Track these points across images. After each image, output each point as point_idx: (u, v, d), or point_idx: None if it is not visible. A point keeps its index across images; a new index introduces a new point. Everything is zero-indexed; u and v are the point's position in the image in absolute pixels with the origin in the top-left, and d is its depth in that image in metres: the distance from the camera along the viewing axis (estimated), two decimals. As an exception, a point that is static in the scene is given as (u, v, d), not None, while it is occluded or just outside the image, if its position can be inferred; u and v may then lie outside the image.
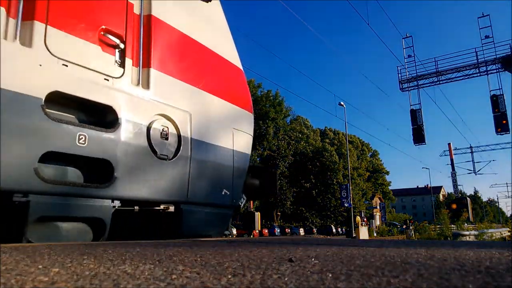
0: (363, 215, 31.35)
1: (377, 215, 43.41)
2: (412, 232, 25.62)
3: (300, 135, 41.53)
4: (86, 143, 2.54)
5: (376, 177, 55.68)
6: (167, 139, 3.13)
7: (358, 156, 51.12)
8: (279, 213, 38.43)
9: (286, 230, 31.68)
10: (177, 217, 3.21)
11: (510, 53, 18.62)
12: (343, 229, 35.30)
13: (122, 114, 2.81)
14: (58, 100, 2.52)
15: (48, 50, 2.47)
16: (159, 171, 3.04)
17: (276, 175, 4.54)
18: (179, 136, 3.23)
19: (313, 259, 1.37)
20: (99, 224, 2.69)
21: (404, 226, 35.33)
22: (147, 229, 3.26)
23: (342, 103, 25.68)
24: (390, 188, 60.36)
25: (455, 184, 28.98)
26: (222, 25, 4.09)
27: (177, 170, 3.18)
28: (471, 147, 32.42)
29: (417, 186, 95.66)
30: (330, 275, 1.01)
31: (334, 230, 36.10)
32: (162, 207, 3.14)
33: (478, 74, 19.50)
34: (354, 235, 20.98)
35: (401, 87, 21.37)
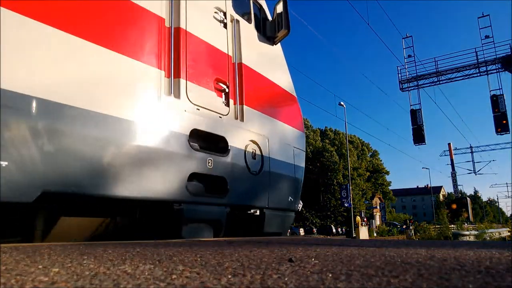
0: (363, 215, 31.36)
1: (377, 215, 43.43)
2: (412, 232, 25.62)
3: (300, 135, 41.42)
4: (212, 165, 3.38)
5: (376, 177, 55.66)
6: (255, 158, 3.94)
7: (358, 156, 51.12)
8: (279, 213, 38.36)
9: (286, 230, 31.57)
10: (261, 219, 4.04)
11: (510, 53, 18.62)
12: (343, 229, 35.30)
13: (230, 142, 3.65)
14: (194, 134, 3.30)
15: (189, 99, 3.27)
16: (251, 183, 3.87)
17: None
18: (261, 156, 4.05)
19: (313, 259, 1.37)
20: (219, 224, 3.55)
21: (404, 226, 35.32)
22: (239, 228, 4.03)
23: (342, 103, 25.69)
24: (390, 188, 60.37)
25: (455, 184, 28.98)
26: (282, 61, 4.92)
27: (262, 182, 4.00)
28: (471, 147, 32.45)
29: (417, 186, 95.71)
30: (330, 275, 1.01)
31: (334, 230, 36.09)
32: (252, 211, 4.06)
33: (478, 74, 19.52)
34: (354, 235, 20.99)
35: (401, 87, 21.39)
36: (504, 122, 17.75)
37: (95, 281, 0.94)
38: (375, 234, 31.03)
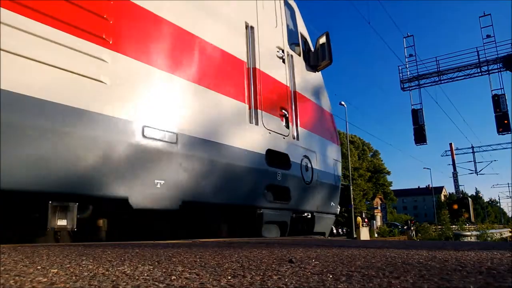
0: (364, 216, 31.27)
1: (378, 216, 43.33)
2: (413, 232, 25.56)
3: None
4: (280, 178, 4.11)
5: (377, 178, 55.55)
6: (307, 171, 4.67)
7: (359, 156, 51.04)
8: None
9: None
10: (312, 221, 4.81)
11: (511, 52, 18.58)
12: (344, 230, 35.24)
13: (291, 158, 4.36)
14: (268, 153, 4.00)
15: (264, 125, 4.00)
16: (305, 192, 4.60)
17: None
18: (312, 168, 4.77)
19: (313, 260, 1.36)
20: (285, 225, 4.32)
21: (405, 227, 35.24)
22: (295, 228, 4.71)
23: (343, 102, 25.66)
24: (391, 188, 60.28)
25: (456, 185, 28.90)
26: (323, 85, 5.71)
27: (312, 191, 4.75)
28: (472, 147, 32.37)
29: (418, 187, 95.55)
30: (331, 276, 1.00)
31: (334, 231, 35.96)
32: (305, 214, 4.73)
33: (480, 74, 19.47)
34: (354, 236, 20.95)
35: (402, 86, 21.35)
36: (506, 122, 17.70)
37: (93, 282, 0.93)
38: (376, 235, 30.95)
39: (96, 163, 2.45)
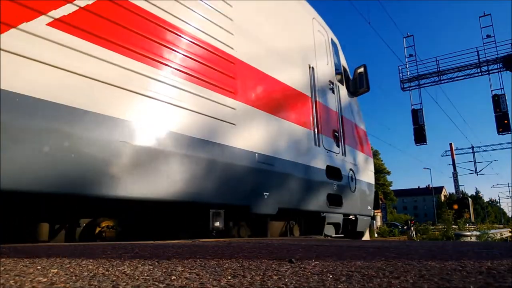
0: (364, 216, 31.16)
1: (378, 216, 43.31)
2: (413, 233, 25.55)
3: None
4: (336, 188, 4.95)
5: (377, 178, 55.57)
6: (352, 181, 5.55)
7: (359, 156, 50.96)
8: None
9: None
10: (355, 223, 5.69)
11: (511, 52, 18.58)
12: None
13: (342, 171, 5.22)
14: (327, 168, 4.82)
15: (324, 147, 4.84)
16: (351, 198, 5.43)
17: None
18: (355, 178, 5.66)
19: (313, 260, 1.36)
20: (339, 226, 5.20)
21: (405, 227, 35.23)
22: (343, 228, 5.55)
23: (343, 103, 25.59)
24: (391, 188, 60.28)
25: (456, 185, 28.90)
26: (359, 106, 6.63)
27: (356, 197, 5.62)
28: (472, 147, 32.41)
29: (419, 187, 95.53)
30: (331, 276, 1.00)
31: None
32: (351, 217, 5.62)
33: (480, 74, 19.48)
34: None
35: (402, 86, 21.36)
36: (506, 122, 17.71)
37: (93, 282, 0.94)
38: (376, 235, 30.96)
39: (235, 182, 3.44)
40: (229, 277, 1.00)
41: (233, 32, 3.65)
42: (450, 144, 29.61)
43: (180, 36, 3.09)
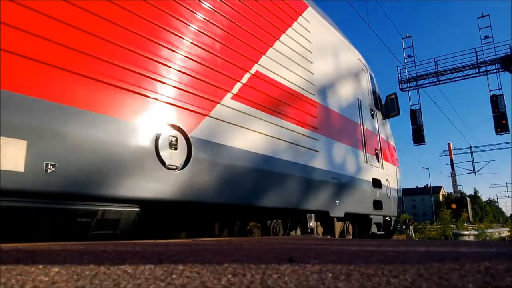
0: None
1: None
2: (412, 232, 25.55)
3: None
4: (378, 195, 6.17)
5: (376, 177, 55.39)
6: (388, 189, 6.79)
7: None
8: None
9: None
10: (390, 223, 7.02)
11: (509, 53, 18.62)
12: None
13: (382, 181, 6.45)
14: (372, 180, 6.11)
15: (369, 163, 6.08)
16: (388, 203, 6.66)
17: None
18: (389, 186, 6.89)
19: (313, 259, 1.37)
20: (380, 225, 6.46)
21: (403, 226, 35.21)
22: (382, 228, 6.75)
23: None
24: (390, 188, 60.09)
25: (454, 184, 28.95)
26: (389, 126, 7.83)
27: (390, 202, 6.85)
28: (470, 147, 32.48)
29: (417, 186, 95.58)
30: (330, 275, 1.01)
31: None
32: (387, 218, 6.85)
33: (478, 74, 19.52)
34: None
35: (401, 87, 21.38)
36: (504, 122, 17.76)
37: (95, 280, 0.94)
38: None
39: (321, 194, 4.68)
40: (230, 276, 1.01)
41: (315, 83, 4.90)
42: (449, 144, 29.66)
43: (298, 98, 4.53)
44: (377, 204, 6.09)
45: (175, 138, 2.93)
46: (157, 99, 2.85)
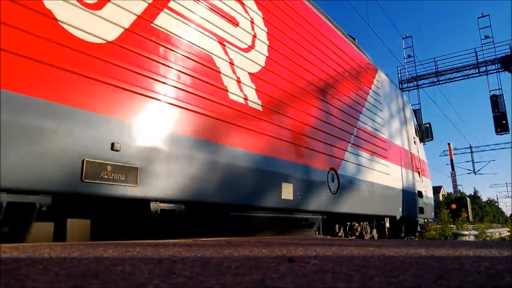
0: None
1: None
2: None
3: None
4: (421, 203, 8.06)
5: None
6: (426, 198, 8.57)
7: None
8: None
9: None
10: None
11: (509, 53, 18.60)
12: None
13: (422, 192, 8.25)
14: (418, 191, 8.09)
15: (416, 179, 8.11)
16: (427, 209, 8.49)
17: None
18: (426, 196, 8.56)
19: (313, 259, 1.37)
20: (422, 225, 8.66)
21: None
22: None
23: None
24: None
25: (454, 184, 28.91)
26: (423, 147, 9.55)
27: (427, 207, 8.49)
28: (470, 147, 32.42)
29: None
30: (330, 275, 1.01)
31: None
32: (426, 220, 9.02)
33: (478, 74, 19.49)
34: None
35: (401, 87, 21.35)
36: (504, 122, 17.73)
37: (95, 281, 0.94)
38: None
39: (393, 203, 6.63)
40: (229, 276, 1.01)
41: (384, 125, 6.90)
42: (448, 144, 29.59)
43: (378, 139, 6.54)
44: (421, 210, 8.09)
45: (334, 174, 4.97)
46: (322, 164, 4.76)
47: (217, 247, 1.93)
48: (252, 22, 3.98)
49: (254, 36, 3.98)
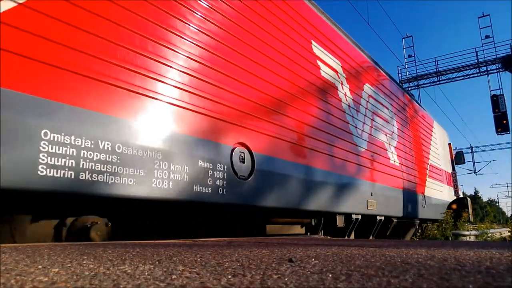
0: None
1: (377, 215, 43.17)
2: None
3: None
4: (441, 198, 11.07)
5: (376, 177, 55.39)
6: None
7: (358, 156, 50.89)
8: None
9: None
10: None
11: (510, 53, 18.59)
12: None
13: (446, 199, 11.34)
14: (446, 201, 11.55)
15: (448, 190, 12.38)
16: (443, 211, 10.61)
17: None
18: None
19: (313, 259, 1.37)
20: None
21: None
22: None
23: (342, 103, 25.58)
24: (390, 188, 60.08)
25: (455, 185, 28.88)
26: (449, 155, 12.92)
27: (440, 209, 10.56)
28: (471, 147, 32.36)
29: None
30: (330, 275, 1.01)
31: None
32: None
33: (479, 74, 19.46)
34: (354, 235, 20.82)
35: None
36: (504, 122, 17.71)
37: (94, 281, 0.94)
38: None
39: (428, 209, 9.47)
40: (229, 276, 1.01)
41: (440, 159, 10.96)
42: (449, 144, 29.60)
43: (437, 169, 10.76)
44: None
45: (423, 196, 9.09)
46: (417, 189, 8.80)
47: (217, 247, 1.93)
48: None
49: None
